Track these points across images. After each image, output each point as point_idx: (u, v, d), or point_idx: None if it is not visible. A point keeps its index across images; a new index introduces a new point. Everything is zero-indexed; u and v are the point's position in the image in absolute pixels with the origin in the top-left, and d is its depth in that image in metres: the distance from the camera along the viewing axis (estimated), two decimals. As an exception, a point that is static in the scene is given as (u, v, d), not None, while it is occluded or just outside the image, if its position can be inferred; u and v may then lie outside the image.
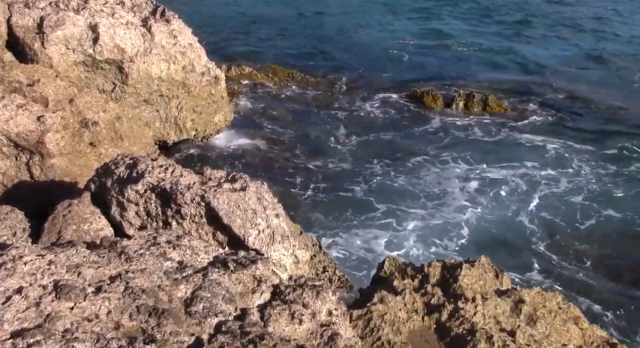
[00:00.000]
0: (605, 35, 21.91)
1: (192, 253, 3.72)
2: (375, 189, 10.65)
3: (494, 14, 24.69)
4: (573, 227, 9.87)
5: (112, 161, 5.12)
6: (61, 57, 8.91)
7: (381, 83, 16.08)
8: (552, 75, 17.32)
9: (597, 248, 9.31)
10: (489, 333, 4.47)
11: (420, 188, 10.77)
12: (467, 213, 10.07)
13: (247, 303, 3.39)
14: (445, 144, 12.65)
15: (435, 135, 13.06)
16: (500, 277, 5.28)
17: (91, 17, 9.27)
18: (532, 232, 9.68)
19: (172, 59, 10.13)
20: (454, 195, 10.55)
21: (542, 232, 9.70)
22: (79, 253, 3.38)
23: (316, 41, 19.87)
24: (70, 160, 7.22)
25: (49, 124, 7.02)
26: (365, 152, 12.07)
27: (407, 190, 10.70)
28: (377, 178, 11.00)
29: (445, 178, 11.19)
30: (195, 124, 10.90)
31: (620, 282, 8.56)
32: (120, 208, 4.73)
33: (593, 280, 8.52)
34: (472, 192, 10.73)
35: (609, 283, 8.53)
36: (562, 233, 9.70)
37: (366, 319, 4.61)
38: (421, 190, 10.72)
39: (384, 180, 10.98)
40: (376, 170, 11.33)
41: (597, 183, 11.21)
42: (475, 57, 19.12)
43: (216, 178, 4.86)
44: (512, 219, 10.00)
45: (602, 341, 4.85)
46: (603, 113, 14.64)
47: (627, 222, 10.04)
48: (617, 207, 10.43)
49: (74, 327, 2.80)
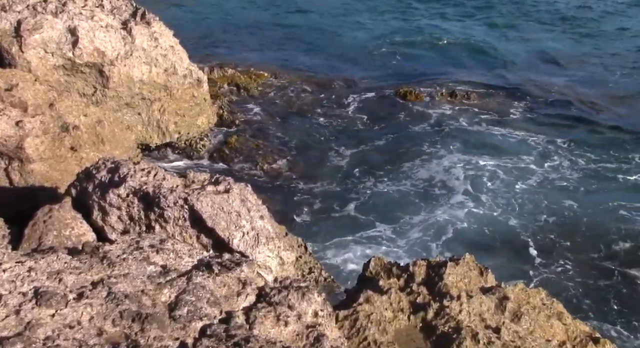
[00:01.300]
0: (589, 30, 22.20)
1: (176, 257, 3.69)
2: (361, 193, 10.66)
3: (479, 12, 24.94)
4: (553, 221, 9.96)
5: (94, 165, 5.06)
6: (40, 60, 8.79)
7: (365, 81, 16.15)
8: (534, 71, 17.53)
9: (579, 242, 9.40)
10: (475, 331, 4.50)
11: (405, 188, 10.82)
12: (456, 210, 10.14)
13: (232, 306, 3.37)
14: (427, 140, 12.70)
15: (417, 132, 13.12)
16: (484, 275, 5.31)
17: (70, 20, 9.16)
18: (518, 230, 9.76)
19: (154, 62, 10.05)
20: (434, 192, 10.63)
21: (526, 228, 9.78)
22: (60, 259, 3.33)
23: (299, 41, 19.87)
24: (50, 165, 7.13)
25: (28, 129, 6.92)
26: (351, 153, 12.07)
27: (393, 189, 10.75)
28: (364, 182, 10.99)
29: (430, 175, 11.27)
30: (178, 126, 10.83)
31: (600, 276, 8.67)
32: (102, 212, 4.67)
33: (578, 276, 8.62)
34: (456, 187, 10.80)
35: (594, 279, 8.62)
36: (544, 227, 9.79)
37: (352, 319, 4.61)
38: (406, 189, 10.77)
39: (370, 182, 11.00)
40: (362, 169, 11.35)
41: (576, 177, 11.35)
42: (460, 53, 19.29)
43: (199, 181, 4.82)
44: (496, 217, 10.08)
45: (585, 336, 4.91)
46: (585, 107, 14.85)
47: (604, 213, 10.15)
48: (594, 199, 10.57)
49: (56, 334, 2.76)
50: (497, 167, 11.63)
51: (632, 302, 8.16)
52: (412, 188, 10.80)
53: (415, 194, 10.61)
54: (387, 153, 12.08)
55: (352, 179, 11.01)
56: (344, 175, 11.17)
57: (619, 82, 16.63)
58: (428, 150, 12.16)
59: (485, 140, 12.78)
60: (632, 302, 8.18)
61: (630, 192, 10.88)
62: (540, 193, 10.71)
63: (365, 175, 11.12)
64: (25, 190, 6.55)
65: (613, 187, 11.03)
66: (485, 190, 10.82)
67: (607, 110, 14.68)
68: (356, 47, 19.45)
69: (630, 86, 16.16)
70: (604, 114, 14.44)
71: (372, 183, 10.85)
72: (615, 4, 25.02)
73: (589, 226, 9.86)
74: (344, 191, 10.64)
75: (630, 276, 8.69)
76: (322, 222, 9.71)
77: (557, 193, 10.74)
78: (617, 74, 17.30)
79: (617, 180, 11.33)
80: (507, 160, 11.88)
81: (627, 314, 7.90)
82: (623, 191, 10.90)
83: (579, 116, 14.28)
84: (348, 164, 11.55)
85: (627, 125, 13.66)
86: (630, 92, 15.73)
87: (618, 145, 12.58)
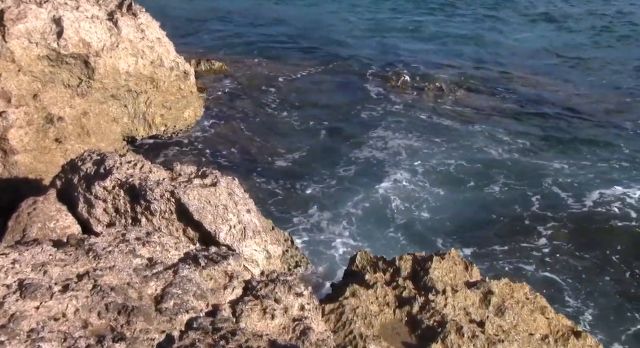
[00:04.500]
0: (569, 25, 22.47)
1: (162, 250, 3.68)
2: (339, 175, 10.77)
3: (461, 3, 25.28)
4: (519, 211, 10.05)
5: (79, 157, 5.02)
6: (24, 51, 8.66)
7: (350, 70, 16.34)
8: (515, 64, 17.74)
9: (551, 232, 9.45)
10: (459, 325, 4.54)
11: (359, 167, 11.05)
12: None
13: (218, 299, 3.37)
14: (391, 127, 12.85)
15: (382, 117, 13.30)
16: (469, 269, 5.36)
17: (55, 10, 9.03)
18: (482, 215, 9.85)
19: (140, 54, 9.95)
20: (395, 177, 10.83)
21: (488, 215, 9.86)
22: (44, 252, 3.31)
23: (286, 31, 20.04)
24: (34, 156, 7.05)
25: (12, 120, 6.83)
26: (333, 141, 12.16)
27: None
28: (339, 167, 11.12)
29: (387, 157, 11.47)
30: (165, 119, 10.75)
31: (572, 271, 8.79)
32: (87, 205, 4.64)
33: (551, 270, 8.71)
34: (412, 174, 10.95)
35: (564, 271, 8.71)
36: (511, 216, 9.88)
37: (338, 313, 4.63)
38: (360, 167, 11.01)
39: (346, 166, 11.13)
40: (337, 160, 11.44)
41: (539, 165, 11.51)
42: (443, 45, 19.56)
43: (186, 174, 4.81)
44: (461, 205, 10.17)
45: (567, 330, 4.98)
46: (560, 101, 15.05)
47: (572, 202, 10.28)
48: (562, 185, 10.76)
49: (40, 327, 2.74)
50: (459, 153, 11.77)
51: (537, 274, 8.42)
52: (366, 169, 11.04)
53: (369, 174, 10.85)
54: (359, 136, 12.35)
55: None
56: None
57: (611, 82, 16.81)
58: (389, 136, 12.33)
59: (453, 130, 12.94)
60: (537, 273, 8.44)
61: (560, 184, 10.99)
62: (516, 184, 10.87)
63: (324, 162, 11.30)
64: (8, 181, 6.48)
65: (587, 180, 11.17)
66: (445, 177, 10.91)
67: (587, 105, 14.84)
68: (342, 35, 19.78)
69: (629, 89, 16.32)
70: (585, 108, 14.55)
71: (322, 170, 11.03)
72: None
73: (510, 208, 9.95)
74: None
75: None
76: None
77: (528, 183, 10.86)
78: (608, 74, 17.49)
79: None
80: (479, 150, 12.03)
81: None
82: (549, 181, 10.99)
83: (550, 112, 14.49)
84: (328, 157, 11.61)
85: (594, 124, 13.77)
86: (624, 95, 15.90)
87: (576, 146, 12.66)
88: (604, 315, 7.66)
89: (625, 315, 7.69)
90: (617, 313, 7.70)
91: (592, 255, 8.89)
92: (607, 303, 7.86)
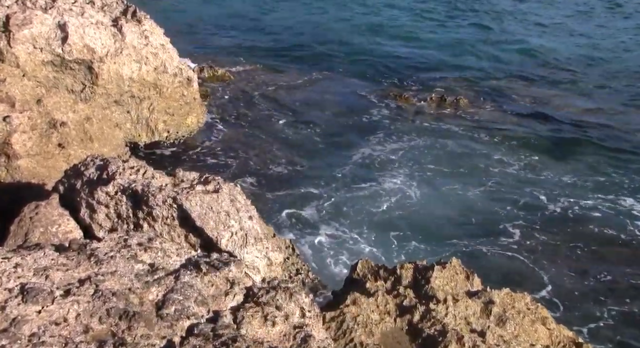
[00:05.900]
0: (571, 34, 22.60)
1: (164, 256, 3.68)
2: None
3: (457, 12, 25.47)
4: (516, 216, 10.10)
5: (82, 162, 5.03)
6: (28, 56, 8.71)
7: (351, 77, 16.45)
8: (515, 73, 17.82)
9: (542, 238, 9.48)
10: (460, 334, 4.53)
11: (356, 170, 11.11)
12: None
13: (219, 305, 3.36)
14: (390, 134, 12.96)
15: (382, 124, 13.38)
16: (471, 278, 5.35)
17: (60, 16, 9.09)
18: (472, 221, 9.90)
19: (144, 60, 10.00)
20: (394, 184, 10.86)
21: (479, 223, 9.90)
22: (46, 256, 3.31)
23: (289, 39, 20.20)
24: (37, 161, 7.07)
25: (16, 125, 6.86)
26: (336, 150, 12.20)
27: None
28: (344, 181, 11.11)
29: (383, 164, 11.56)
30: (167, 125, 10.78)
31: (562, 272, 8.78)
32: (90, 210, 4.65)
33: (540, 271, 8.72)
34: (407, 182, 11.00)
35: (551, 274, 8.71)
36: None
37: (339, 321, 4.62)
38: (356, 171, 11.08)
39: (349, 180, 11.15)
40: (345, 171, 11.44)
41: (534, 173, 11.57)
42: (445, 52, 19.64)
43: (189, 180, 4.82)
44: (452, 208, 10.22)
45: (568, 341, 4.96)
46: (548, 105, 15.12)
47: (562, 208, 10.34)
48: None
49: (41, 331, 2.74)
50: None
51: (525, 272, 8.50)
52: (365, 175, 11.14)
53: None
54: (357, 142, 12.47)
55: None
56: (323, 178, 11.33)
57: (612, 90, 16.85)
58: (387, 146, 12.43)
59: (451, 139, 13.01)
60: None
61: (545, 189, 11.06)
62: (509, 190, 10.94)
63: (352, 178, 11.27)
64: (11, 186, 6.50)
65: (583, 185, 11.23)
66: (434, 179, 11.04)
67: (582, 112, 14.89)
68: (344, 41, 19.92)
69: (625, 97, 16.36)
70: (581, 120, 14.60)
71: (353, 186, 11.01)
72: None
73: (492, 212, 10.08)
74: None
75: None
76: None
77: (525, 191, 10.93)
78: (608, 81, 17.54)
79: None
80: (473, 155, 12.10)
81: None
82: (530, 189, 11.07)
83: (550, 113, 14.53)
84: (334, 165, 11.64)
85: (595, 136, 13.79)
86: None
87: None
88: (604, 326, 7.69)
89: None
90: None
91: (589, 265, 8.95)
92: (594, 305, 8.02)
